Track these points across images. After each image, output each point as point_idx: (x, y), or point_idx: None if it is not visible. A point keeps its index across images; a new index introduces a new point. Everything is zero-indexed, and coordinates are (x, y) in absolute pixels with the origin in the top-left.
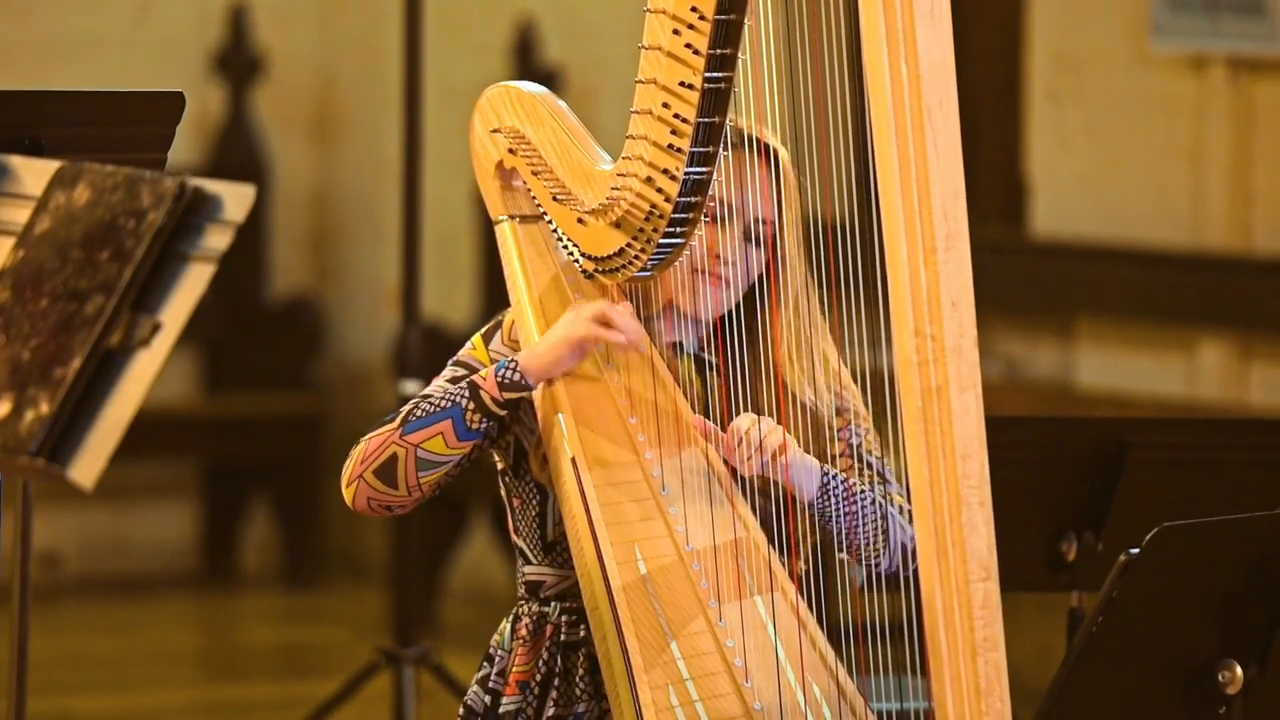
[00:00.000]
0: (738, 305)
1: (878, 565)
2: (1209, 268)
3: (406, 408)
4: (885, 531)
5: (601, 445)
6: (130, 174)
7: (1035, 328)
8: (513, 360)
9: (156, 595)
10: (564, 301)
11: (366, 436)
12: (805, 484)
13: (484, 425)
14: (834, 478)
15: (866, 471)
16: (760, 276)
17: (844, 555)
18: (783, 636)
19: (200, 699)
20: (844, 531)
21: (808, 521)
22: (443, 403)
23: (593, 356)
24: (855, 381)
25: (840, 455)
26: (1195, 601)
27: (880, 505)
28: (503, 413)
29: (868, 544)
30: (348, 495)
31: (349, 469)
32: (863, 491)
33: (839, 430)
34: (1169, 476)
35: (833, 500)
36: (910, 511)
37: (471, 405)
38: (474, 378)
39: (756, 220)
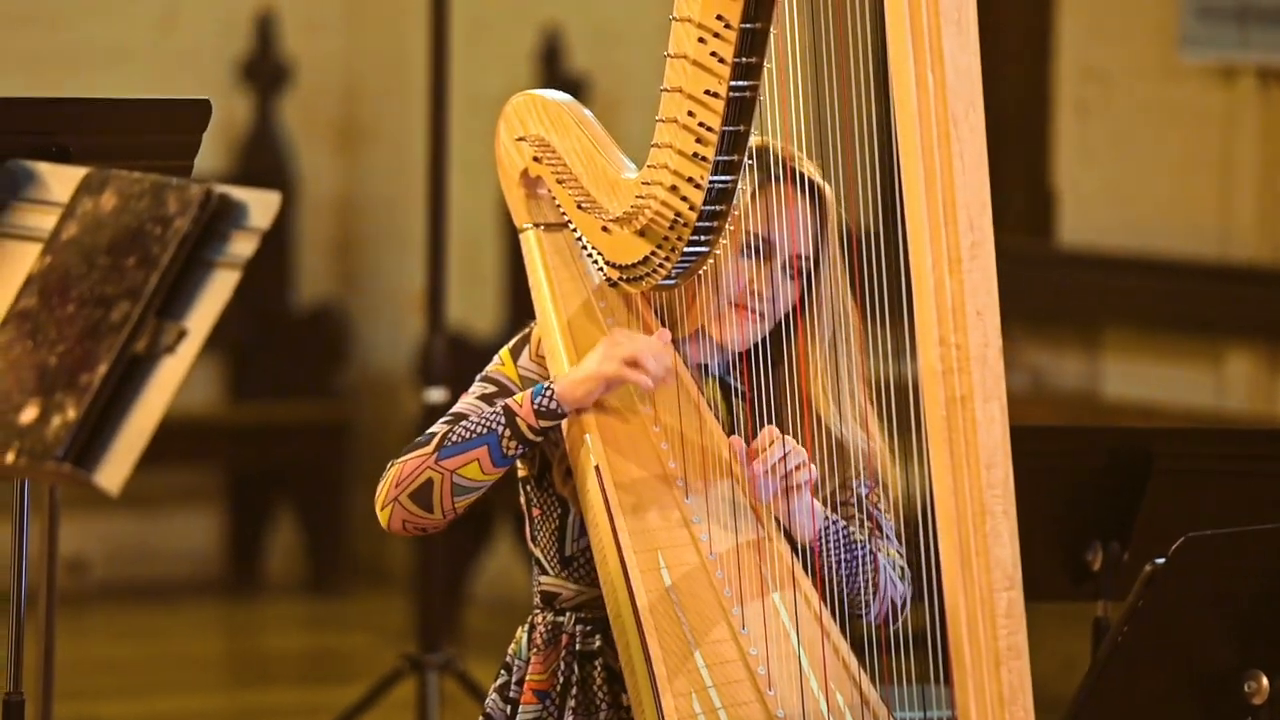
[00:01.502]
0: (766, 336)
1: (865, 615)
2: (1237, 279)
3: (440, 430)
4: (876, 585)
5: (625, 454)
6: (157, 181)
7: (1061, 339)
8: (548, 388)
9: (182, 601)
10: (589, 310)
11: (400, 459)
12: (806, 525)
13: (519, 451)
14: (834, 524)
15: (868, 523)
16: (793, 308)
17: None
18: (806, 645)
19: (225, 705)
20: (836, 577)
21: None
22: (478, 428)
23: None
24: (879, 392)
25: (846, 503)
26: (1221, 612)
27: (876, 558)
28: (538, 440)
29: (856, 593)
30: (383, 517)
31: (383, 491)
32: (861, 543)
33: (848, 479)
34: (1195, 487)
35: (830, 547)
36: (904, 568)
37: (508, 433)
38: (509, 403)
39: (793, 256)
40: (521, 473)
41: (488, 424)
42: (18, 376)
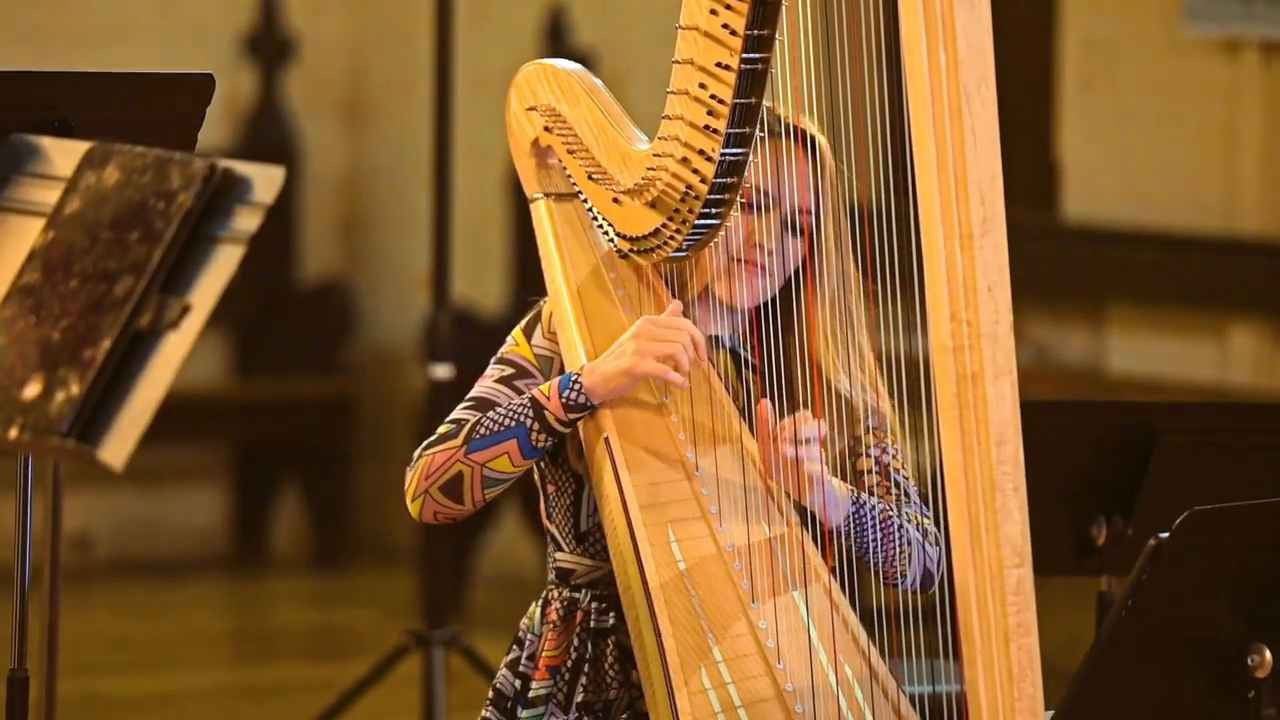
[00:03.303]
0: (774, 296)
1: (900, 584)
2: (1241, 252)
3: (467, 420)
4: (909, 556)
5: (637, 429)
6: (160, 155)
7: (1066, 313)
8: (576, 380)
9: (187, 578)
10: (599, 280)
11: (428, 450)
12: (832, 512)
13: (548, 443)
14: (863, 505)
15: (895, 490)
16: (799, 266)
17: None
18: (816, 619)
19: (230, 681)
20: (869, 555)
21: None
22: (506, 421)
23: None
24: (890, 368)
25: (870, 471)
26: (1225, 585)
27: (905, 530)
28: (566, 431)
29: (892, 567)
30: (413, 509)
31: (413, 483)
32: (891, 519)
33: (868, 448)
34: (1199, 461)
35: (863, 528)
36: (935, 534)
37: (536, 425)
38: (537, 395)
39: (796, 210)
40: None
41: (516, 417)
42: (21, 352)
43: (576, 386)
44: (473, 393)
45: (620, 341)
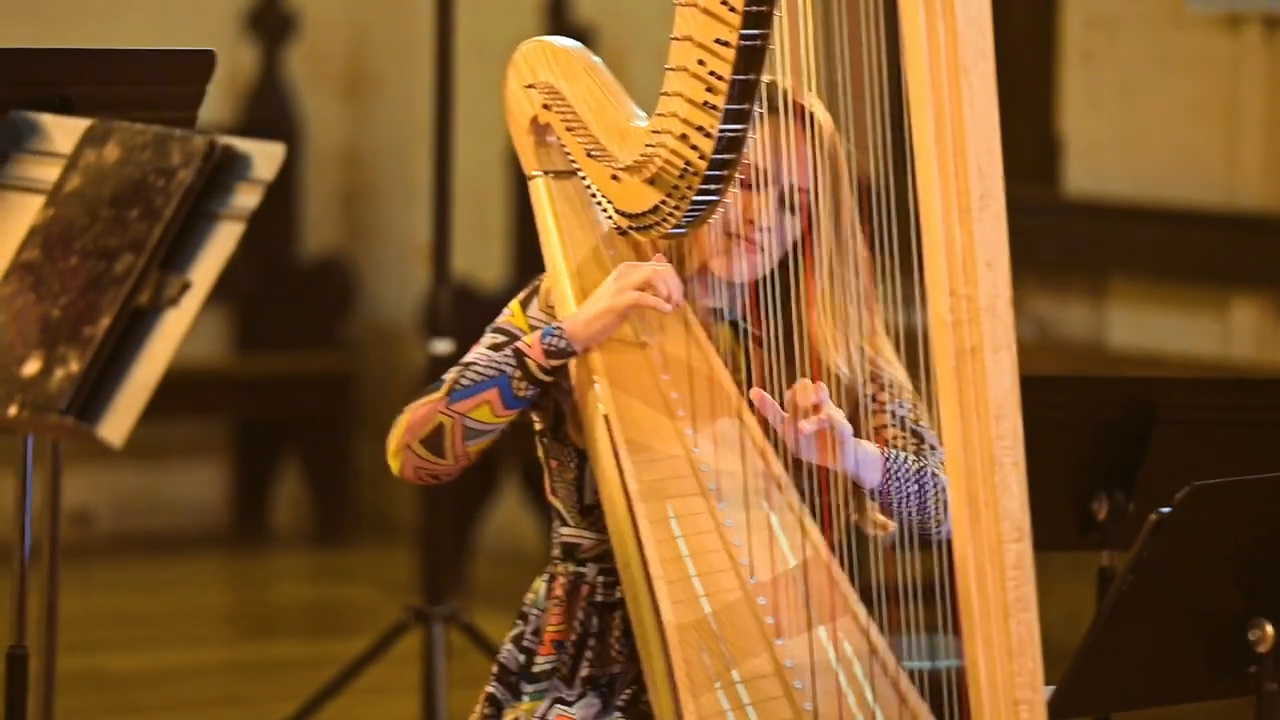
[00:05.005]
0: (774, 272)
1: (937, 533)
2: (1242, 227)
3: (450, 376)
4: (944, 503)
5: (635, 405)
6: (160, 132)
7: (1067, 287)
8: (557, 326)
9: (188, 553)
10: (597, 258)
11: (411, 406)
12: (867, 473)
13: (530, 392)
14: (894, 460)
15: (914, 441)
16: (796, 244)
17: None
18: (814, 594)
19: (231, 657)
20: (908, 511)
21: (845, 493)
22: (489, 371)
23: (630, 320)
24: (890, 344)
25: (885, 426)
26: (1226, 560)
27: (938, 477)
28: (549, 379)
29: (930, 517)
30: (395, 465)
31: (395, 439)
32: (921, 469)
33: (883, 404)
34: (1200, 436)
35: (898, 483)
36: None
37: (518, 373)
38: (518, 345)
39: (792, 188)
40: (537, 426)
41: (498, 366)
42: (21, 329)
43: (558, 333)
44: (465, 358)
45: (600, 289)
